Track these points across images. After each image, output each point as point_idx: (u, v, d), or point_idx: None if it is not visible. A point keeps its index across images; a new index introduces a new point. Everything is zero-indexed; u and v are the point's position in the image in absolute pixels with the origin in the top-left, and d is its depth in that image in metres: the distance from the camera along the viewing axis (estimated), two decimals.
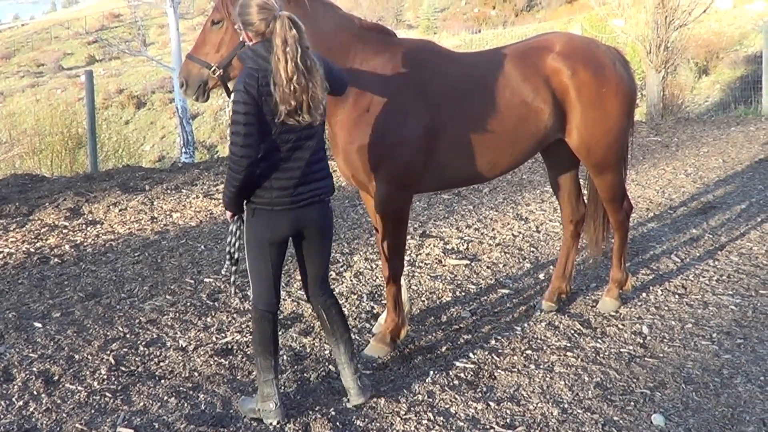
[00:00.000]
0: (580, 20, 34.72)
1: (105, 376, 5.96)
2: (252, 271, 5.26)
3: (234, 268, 5.46)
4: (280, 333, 6.72)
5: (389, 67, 6.04)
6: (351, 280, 8.07)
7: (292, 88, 4.76)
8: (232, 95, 5.06)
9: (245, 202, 5.16)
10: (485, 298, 7.58)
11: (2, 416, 5.35)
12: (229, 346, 6.52)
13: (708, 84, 33.70)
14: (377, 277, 8.11)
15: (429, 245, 9.23)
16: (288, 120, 4.85)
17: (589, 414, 5.33)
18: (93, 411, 5.43)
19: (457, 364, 6.11)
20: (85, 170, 15.09)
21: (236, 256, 5.40)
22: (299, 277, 7.87)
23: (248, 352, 6.35)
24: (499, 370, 5.99)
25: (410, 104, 5.96)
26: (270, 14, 4.89)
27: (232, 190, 5.03)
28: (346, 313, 7.13)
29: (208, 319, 7.10)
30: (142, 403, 5.54)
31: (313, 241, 5.31)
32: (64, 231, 9.97)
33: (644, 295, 7.53)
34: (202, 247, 9.31)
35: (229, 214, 5.29)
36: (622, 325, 6.84)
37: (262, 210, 5.09)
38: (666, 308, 7.19)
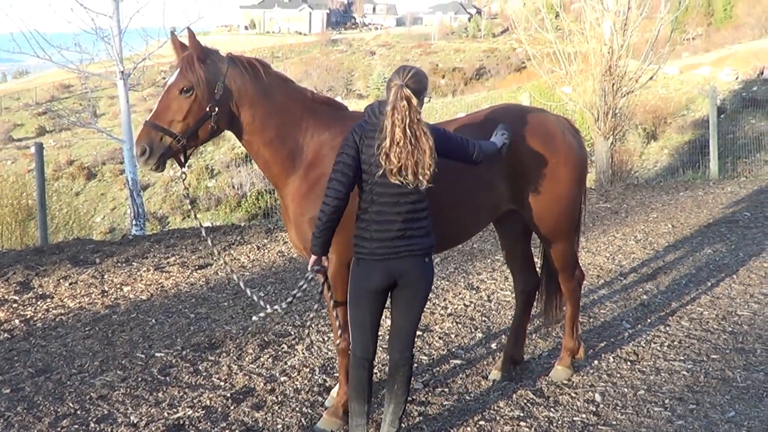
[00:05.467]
0: (528, 88, 35.16)
1: None
2: (351, 318, 5.72)
3: (282, 308, 6.04)
4: (232, 407, 6.68)
5: (340, 141, 6.07)
6: (303, 353, 8.01)
7: (396, 150, 5.23)
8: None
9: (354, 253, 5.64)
10: (437, 369, 7.56)
11: None
12: (181, 422, 6.44)
13: (656, 149, 34.23)
14: (330, 350, 8.07)
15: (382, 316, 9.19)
16: (392, 179, 5.30)
17: None
18: None
19: None
20: (35, 243, 14.95)
21: (293, 300, 5.94)
22: (250, 351, 7.85)
23: (200, 428, 6.29)
24: None
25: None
26: (392, 83, 5.40)
27: (319, 222, 5.52)
28: (298, 386, 7.10)
29: (160, 395, 7.02)
30: None
31: (404, 291, 5.61)
32: (14, 305, 9.85)
33: (596, 362, 7.56)
34: (153, 320, 9.22)
35: (313, 258, 5.65)
36: (575, 393, 6.87)
37: (362, 260, 5.56)
38: (618, 375, 7.23)
